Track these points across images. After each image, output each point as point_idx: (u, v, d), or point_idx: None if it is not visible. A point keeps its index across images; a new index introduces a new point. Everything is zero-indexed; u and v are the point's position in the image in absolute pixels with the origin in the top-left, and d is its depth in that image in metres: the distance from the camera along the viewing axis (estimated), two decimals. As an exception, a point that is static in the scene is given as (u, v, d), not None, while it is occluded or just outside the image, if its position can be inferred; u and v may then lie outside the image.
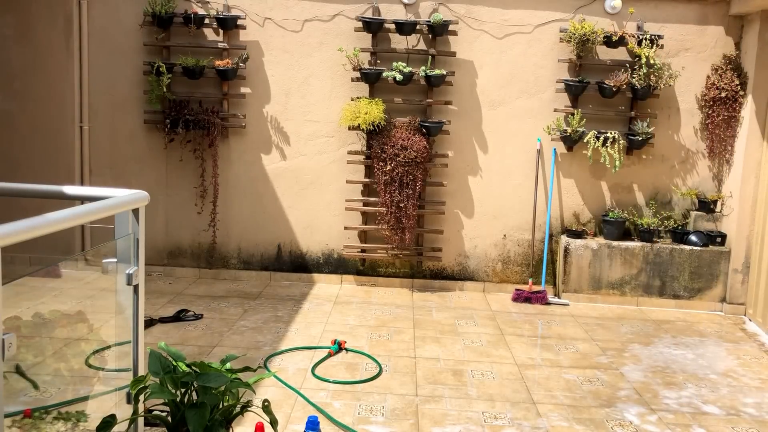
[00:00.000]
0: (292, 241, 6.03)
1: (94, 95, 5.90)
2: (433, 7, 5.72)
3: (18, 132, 5.89)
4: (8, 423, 2.33)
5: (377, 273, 6.03)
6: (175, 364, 2.48)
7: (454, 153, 5.88)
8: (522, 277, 5.99)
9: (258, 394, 3.29)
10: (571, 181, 5.92)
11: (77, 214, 2.04)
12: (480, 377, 4.07)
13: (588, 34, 5.51)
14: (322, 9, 5.78)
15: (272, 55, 5.84)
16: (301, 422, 3.25)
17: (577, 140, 5.66)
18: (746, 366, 4.51)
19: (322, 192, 5.97)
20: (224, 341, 4.46)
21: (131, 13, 5.77)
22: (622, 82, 5.57)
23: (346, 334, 4.73)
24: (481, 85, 5.84)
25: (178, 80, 5.73)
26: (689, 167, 5.88)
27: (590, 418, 3.60)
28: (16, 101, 5.86)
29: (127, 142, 5.94)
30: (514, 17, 5.76)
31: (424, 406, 3.65)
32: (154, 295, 5.34)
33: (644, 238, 5.68)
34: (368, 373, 4.07)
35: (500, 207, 5.96)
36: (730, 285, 5.65)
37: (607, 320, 5.34)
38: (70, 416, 2.58)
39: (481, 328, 5.01)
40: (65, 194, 2.74)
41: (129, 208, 2.35)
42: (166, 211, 6.00)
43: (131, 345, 2.49)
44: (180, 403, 2.38)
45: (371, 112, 5.54)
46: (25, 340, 2.62)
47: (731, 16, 5.69)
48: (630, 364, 4.42)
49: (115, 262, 2.38)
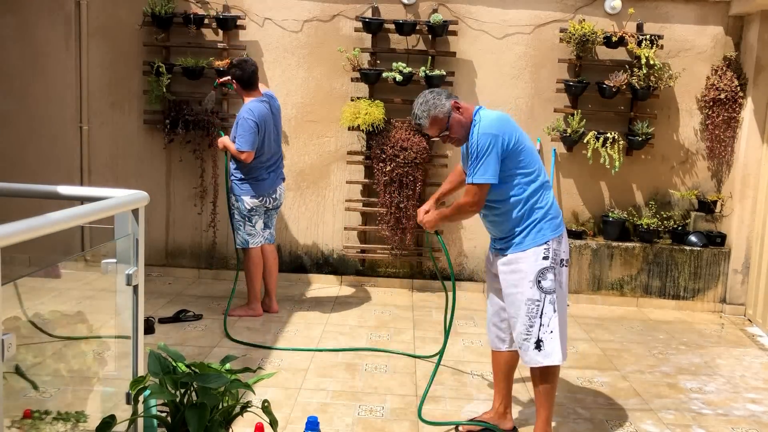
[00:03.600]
0: (291, 241, 6.03)
1: (94, 95, 5.90)
2: (432, 7, 5.72)
3: (18, 132, 5.89)
4: (8, 423, 2.33)
5: (377, 273, 6.03)
6: (175, 365, 2.47)
7: (454, 153, 5.88)
8: (522, 278, 5.99)
9: (258, 394, 3.29)
10: (571, 181, 5.92)
11: (77, 214, 2.04)
12: (480, 377, 4.07)
13: (588, 35, 5.51)
14: (322, 9, 5.78)
15: (272, 56, 5.84)
16: (301, 422, 3.24)
17: (576, 140, 5.66)
18: (746, 366, 4.51)
19: (321, 192, 5.97)
20: (224, 342, 4.46)
21: (131, 13, 5.77)
22: (621, 82, 5.57)
23: (346, 334, 4.73)
24: (481, 86, 5.84)
25: (177, 80, 5.73)
26: (689, 168, 5.88)
27: (590, 418, 3.60)
28: (16, 101, 5.86)
29: (127, 142, 5.94)
30: (514, 17, 5.76)
31: (423, 406, 3.64)
32: (154, 296, 5.34)
33: (644, 238, 5.68)
34: (368, 373, 4.07)
35: (500, 207, 5.95)
36: (730, 285, 5.66)
37: (606, 320, 5.34)
38: (70, 416, 2.58)
39: (481, 328, 5.01)
40: (65, 194, 2.74)
41: (129, 209, 2.35)
42: (165, 211, 6.00)
43: (131, 345, 2.49)
44: (180, 403, 2.38)
45: (371, 113, 5.55)
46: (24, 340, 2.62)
47: (731, 17, 5.69)
48: (630, 364, 4.42)
49: (115, 263, 2.38)
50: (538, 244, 3.07)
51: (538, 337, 3.05)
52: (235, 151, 4.66)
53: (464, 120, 3.13)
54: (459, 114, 3.13)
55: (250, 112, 4.65)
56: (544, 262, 3.06)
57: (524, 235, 3.10)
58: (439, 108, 3.10)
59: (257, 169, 4.77)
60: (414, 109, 3.16)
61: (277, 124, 4.90)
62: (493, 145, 3.01)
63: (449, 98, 3.14)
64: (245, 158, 4.64)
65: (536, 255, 3.06)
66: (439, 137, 3.19)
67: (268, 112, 4.77)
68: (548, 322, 3.05)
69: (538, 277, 3.05)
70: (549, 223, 3.11)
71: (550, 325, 3.05)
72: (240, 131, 4.64)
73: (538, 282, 3.05)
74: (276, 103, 4.93)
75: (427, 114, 3.12)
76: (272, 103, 4.85)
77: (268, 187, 4.83)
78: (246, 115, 4.64)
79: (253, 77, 4.74)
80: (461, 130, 3.15)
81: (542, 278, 3.05)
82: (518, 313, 3.08)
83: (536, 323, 3.05)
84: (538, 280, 3.05)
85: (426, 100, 3.13)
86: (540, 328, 3.05)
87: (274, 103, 4.88)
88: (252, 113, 4.64)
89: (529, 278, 3.06)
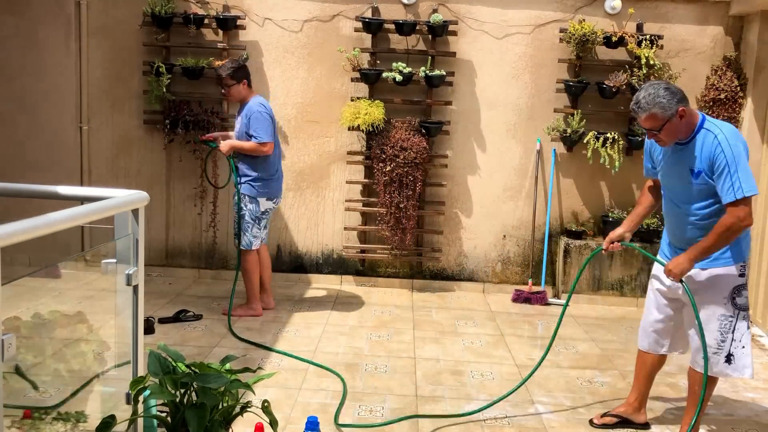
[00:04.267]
0: (291, 241, 6.03)
1: (94, 95, 5.90)
2: (432, 7, 5.72)
3: (18, 132, 5.89)
4: (8, 423, 2.33)
5: (377, 273, 6.03)
6: (175, 365, 2.47)
7: (454, 153, 5.88)
8: (522, 278, 5.99)
9: (258, 394, 3.28)
10: (571, 181, 5.92)
11: (77, 214, 2.04)
12: (480, 378, 4.07)
13: (588, 35, 5.51)
14: (322, 9, 5.78)
15: (272, 56, 5.84)
16: (301, 423, 3.24)
17: (576, 141, 5.66)
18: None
19: (321, 192, 5.97)
20: (224, 342, 4.46)
21: (131, 13, 5.77)
22: (621, 82, 5.57)
23: (346, 334, 4.73)
24: (481, 86, 5.84)
25: (177, 80, 5.73)
26: (689, 168, 5.88)
27: (590, 418, 3.60)
28: (16, 101, 5.86)
29: (127, 142, 5.94)
30: (513, 17, 5.76)
31: (423, 406, 3.64)
32: (154, 296, 5.34)
33: (644, 238, 5.68)
34: (368, 373, 4.07)
35: (500, 207, 5.96)
36: (730, 285, 5.65)
37: (606, 320, 5.34)
38: (70, 416, 2.58)
39: (481, 328, 5.01)
40: (65, 194, 2.74)
41: (129, 209, 2.34)
42: (165, 211, 6.00)
43: (130, 345, 2.48)
44: (180, 403, 2.38)
45: (371, 113, 5.54)
46: (24, 340, 2.62)
47: (731, 17, 5.69)
48: (630, 364, 4.41)
49: (115, 263, 2.38)
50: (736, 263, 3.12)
51: (729, 351, 3.14)
52: (253, 145, 4.70)
53: (683, 127, 3.03)
54: (680, 121, 3.01)
55: (262, 105, 4.76)
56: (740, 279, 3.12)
57: (723, 251, 3.10)
58: (665, 110, 2.97)
59: (274, 164, 4.86)
60: (640, 93, 3.03)
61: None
62: (746, 151, 2.97)
63: (680, 103, 2.99)
64: (268, 150, 4.71)
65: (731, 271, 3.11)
66: (648, 131, 3.08)
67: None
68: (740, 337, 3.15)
69: (733, 294, 3.11)
70: (745, 241, 3.16)
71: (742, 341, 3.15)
72: (256, 124, 4.69)
73: (732, 298, 3.11)
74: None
75: (648, 108, 2.99)
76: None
77: (279, 187, 4.95)
78: (259, 108, 4.72)
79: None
80: (674, 136, 3.06)
81: (737, 295, 3.12)
82: (708, 326, 3.12)
83: (728, 338, 3.13)
84: (732, 297, 3.11)
85: (657, 95, 2.98)
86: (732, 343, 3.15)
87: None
88: (264, 106, 4.76)
89: (723, 294, 3.10)
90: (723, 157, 2.92)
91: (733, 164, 2.90)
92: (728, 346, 3.11)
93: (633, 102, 3.06)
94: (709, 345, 3.09)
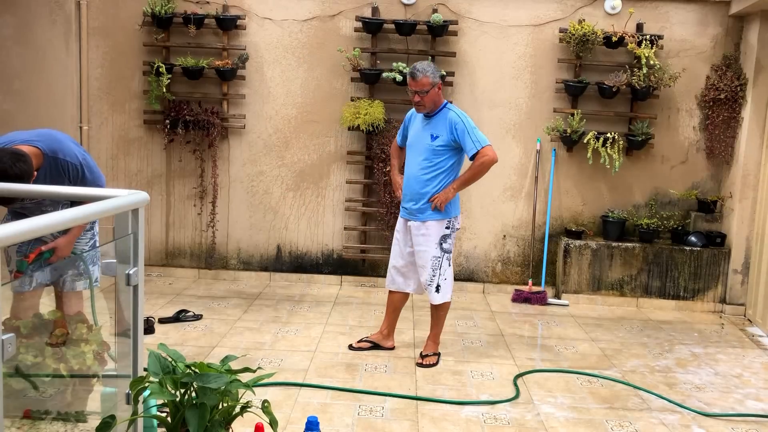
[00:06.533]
0: (291, 241, 6.03)
1: (94, 95, 5.90)
2: (432, 7, 5.72)
3: (18, 132, 5.88)
4: (8, 423, 2.33)
5: (377, 273, 6.03)
6: (175, 365, 2.47)
7: (454, 153, 5.88)
8: (522, 278, 5.99)
9: (258, 394, 3.28)
10: (571, 181, 5.92)
11: (77, 214, 2.04)
12: (480, 377, 4.07)
13: (588, 35, 5.51)
14: (321, 9, 5.78)
15: (272, 56, 5.84)
16: (301, 423, 3.24)
17: (576, 141, 5.66)
18: (746, 367, 4.51)
19: (321, 192, 5.97)
20: (224, 342, 4.46)
21: (131, 13, 5.77)
22: (621, 82, 5.57)
23: (345, 334, 4.73)
24: (481, 86, 5.84)
25: (177, 80, 5.73)
26: (689, 168, 5.88)
27: (590, 418, 3.60)
28: (16, 101, 5.85)
29: (127, 142, 5.94)
30: (514, 17, 5.76)
31: (423, 406, 3.65)
32: (154, 296, 5.34)
33: (644, 238, 5.68)
34: (368, 373, 4.07)
35: (500, 207, 5.96)
36: (730, 285, 5.66)
37: (606, 321, 5.34)
38: (70, 416, 2.58)
39: (481, 328, 5.01)
40: (65, 194, 2.74)
41: (129, 209, 2.34)
42: (165, 211, 6.00)
43: (130, 345, 2.48)
44: (180, 403, 2.38)
45: (371, 113, 5.55)
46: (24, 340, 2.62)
47: (731, 16, 5.69)
48: (629, 364, 4.42)
49: (115, 263, 2.38)
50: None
51: (438, 283, 4.17)
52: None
53: (437, 99, 4.04)
54: (437, 92, 4.02)
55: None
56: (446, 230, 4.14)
57: (437, 211, 4.10)
58: (435, 77, 3.98)
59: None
60: (416, 64, 4.03)
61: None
62: (474, 124, 4.08)
63: (440, 80, 4.06)
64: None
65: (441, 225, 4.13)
66: (415, 93, 3.97)
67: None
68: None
69: (440, 240, 4.12)
70: (454, 205, 4.16)
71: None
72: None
73: (440, 244, 4.13)
74: None
75: (424, 71, 3.96)
76: None
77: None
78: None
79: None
80: (431, 103, 4.02)
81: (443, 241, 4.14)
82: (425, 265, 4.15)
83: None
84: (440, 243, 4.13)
85: (429, 65, 4.05)
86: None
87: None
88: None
89: (435, 240, 4.12)
90: (463, 125, 3.98)
91: (470, 128, 3.98)
92: (437, 280, 4.13)
93: (410, 69, 4.01)
94: (426, 280, 4.13)
